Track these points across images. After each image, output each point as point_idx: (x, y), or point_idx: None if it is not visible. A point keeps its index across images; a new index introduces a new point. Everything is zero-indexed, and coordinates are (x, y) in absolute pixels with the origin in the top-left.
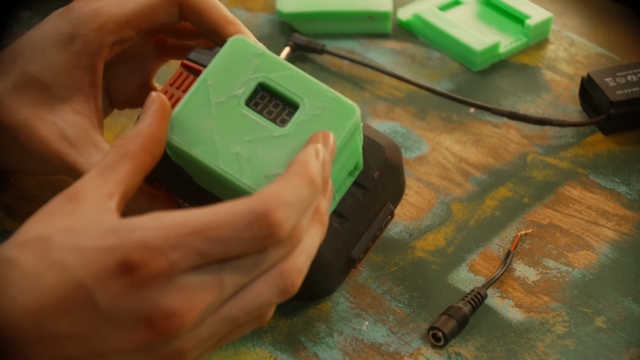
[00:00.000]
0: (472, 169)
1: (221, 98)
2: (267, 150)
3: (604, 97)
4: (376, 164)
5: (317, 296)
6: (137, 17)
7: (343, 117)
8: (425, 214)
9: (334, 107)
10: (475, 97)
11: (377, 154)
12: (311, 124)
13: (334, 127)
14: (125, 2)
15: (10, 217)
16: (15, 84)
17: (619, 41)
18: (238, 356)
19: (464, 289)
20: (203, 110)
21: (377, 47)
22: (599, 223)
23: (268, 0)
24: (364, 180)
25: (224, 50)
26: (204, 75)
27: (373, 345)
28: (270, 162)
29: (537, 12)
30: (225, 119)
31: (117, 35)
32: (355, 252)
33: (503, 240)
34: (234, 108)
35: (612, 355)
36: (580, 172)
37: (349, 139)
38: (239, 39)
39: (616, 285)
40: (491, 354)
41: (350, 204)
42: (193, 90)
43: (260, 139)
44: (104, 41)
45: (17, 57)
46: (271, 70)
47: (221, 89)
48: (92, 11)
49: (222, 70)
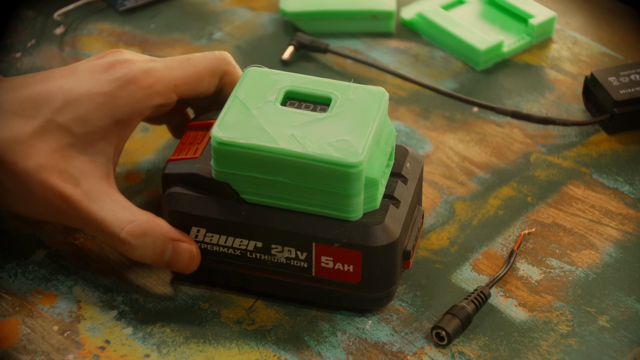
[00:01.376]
0: (476, 168)
1: (258, 105)
2: (319, 128)
3: (607, 96)
4: (404, 157)
5: (377, 287)
6: (184, 83)
7: (376, 98)
8: (428, 213)
9: (363, 93)
10: (479, 96)
11: (401, 151)
12: (351, 105)
13: (370, 107)
14: (172, 67)
15: (13, 216)
16: (36, 129)
17: (622, 40)
18: (242, 355)
19: (467, 288)
20: (245, 114)
21: (380, 47)
22: (602, 222)
23: (271, 0)
24: (400, 170)
25: (243, 77)
26: (233, 94)
27: (377, 344)
28: (327, 134)
29: (540, 12)
30: (269, 116)
31: (164, 98)
32: (408, 244)
33: (506, 240)
34: (273, 108)
35: (615, 355)
36: (584, 171)
37: (384, 118)
38: (254, 68)
39: (619, 284)
40: (494, 353)
41: (396, 188)
42: (228, 105)
43: (308, 122)
44: (150, 102)
45: (44, 104)
46: (293, 81)
47: (254, 99)
48: (143, 71)
49: (248, 89)
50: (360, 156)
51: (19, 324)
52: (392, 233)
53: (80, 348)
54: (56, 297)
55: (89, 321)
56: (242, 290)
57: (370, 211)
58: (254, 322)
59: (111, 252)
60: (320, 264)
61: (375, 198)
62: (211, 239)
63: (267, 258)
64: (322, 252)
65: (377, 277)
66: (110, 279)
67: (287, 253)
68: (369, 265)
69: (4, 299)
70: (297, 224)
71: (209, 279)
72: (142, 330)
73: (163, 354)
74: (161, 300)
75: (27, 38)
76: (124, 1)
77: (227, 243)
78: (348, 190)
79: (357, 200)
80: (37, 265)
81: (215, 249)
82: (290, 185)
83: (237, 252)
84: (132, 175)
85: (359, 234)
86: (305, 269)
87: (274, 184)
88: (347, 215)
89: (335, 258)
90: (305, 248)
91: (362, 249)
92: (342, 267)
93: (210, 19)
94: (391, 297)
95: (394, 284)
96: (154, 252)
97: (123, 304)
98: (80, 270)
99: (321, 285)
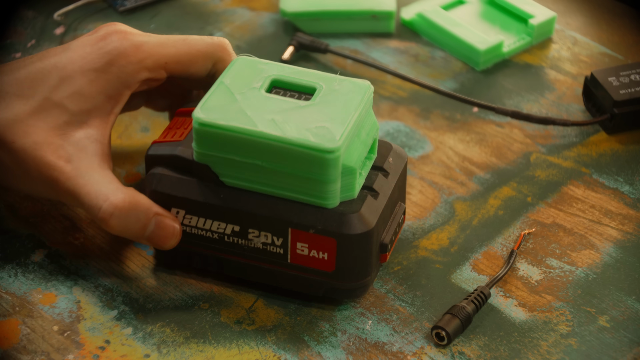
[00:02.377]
0: (476, 168)
1: (242, 90)
2: (300, 115)
3: (607, 96)
4: (387, 152)
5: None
6: (175, 62)
7: (359, 90)
8: (428, 213)
9: (348, 85)
10: (479, 96)
11: (385, 146)
12: (335, 96)
13: (354, 98)
14: (166, 44)
15: (13, 216)
16: (34, 108)
17: (622, 40)
18: (241, 355)
19: (467, 288)
20: (228, 98)
21: (380, 47)
22: (602, 222)
23: (271, 0)
24: (382, 164)
25: (232, 65)
26: (220, 79)
27: (377, 344)
28: (307, 121)
29: (540, 12)
30: (252, 102)
31: (152, 73)
32: (386, 237)
33: (506, 240)
34: (257, 94)
35: (615, 355)
36: (584, 171)
37: (367, 110)
38: (243, 57)
39: (619, 284)
40: (494, 353)
41: (376, 180)
42: (213, 89)
43: (289, 109)
44: (139, 76)
45: (40, 82)
46: (280, 70)
47: (239, 86)
48: (133, 45)
49: (235, 75)
50: (337, 142)
51: (19, 324)
52: (368, 222)
53: (80, 348)
54: (56, 297)
55: (89, 321)
56: (240, 288)
57: (348, 200)
58: (254, 322)
59: (111, 252)
60: (296, 250)
61: (352, 187)
62: (190, 221)
63: (244, 243)
64: (297, 239)
65: (351, 267)
66: (110, 279)
67: (264, 238)
68: (344, 253)
69: (4, 299)
70: (273, 208)
71: (187, 263)
72: (142, 330)
73: (163, 354)
74: (161, 300)
75: (27, 38)
76: (124, 1)
77: (206, 226)
78: (324, 176)
79: (333, 187)
80: (37, 265)
81: (194, 231)
82: (268, 169)
83: (215, 235)
84: (132, 176)
85: (335, 221)
86: (281, 255)
87: (253, 167)
88: (323, 202)
89: (310, 245)
90: (281, 233)
91: (337, 237)
92: (317, 254)
93: (210, 19)
94: (366, 289)
95: (368, 275)
96: (136, 226)
97: (123, 304)
98: (80, 270)
99: (297, 272)
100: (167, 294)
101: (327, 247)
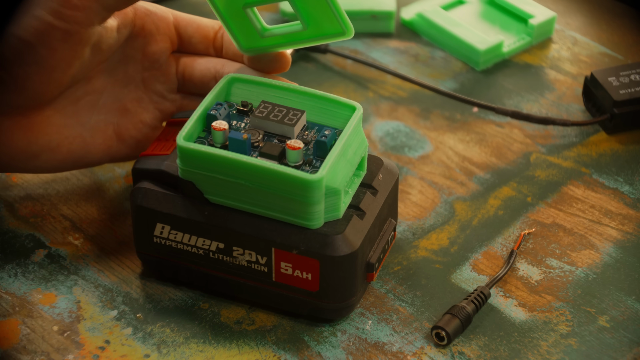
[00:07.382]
0: (476, 168)
1: None
2: None
3: (607, 96)
4: (377, 169)
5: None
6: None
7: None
8: (428, 213)
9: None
10: (479, 96)
11: (376, 161)
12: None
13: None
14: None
15: (13, 216)
16: None
17: (622, 40)
18: (241, 355)
19: (467, 288)
20: None
21: (380, 47)
22: (602, 222)
23: None
24: (371, 181)
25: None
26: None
27: (376, 344)
28: None
29: (540, 12)
30: None
31: None
32: (372, 257)
33: (506, 240)
34: None
35: (615, 355)
36: (584, 171)
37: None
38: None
39: (619, 284)
40: (494, 353)
41: (363, 198)
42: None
43: None
44: None
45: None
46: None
47: None
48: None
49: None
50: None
51: (19, 324)
52: (352, 244)
53: (80, 348)
54: (56, 297)
55: (89, 321)
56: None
57: (333, 220)
58: (254, 322)
59: (111, 252)
60: (280, 269)
61: (337, 207)
62: (175, 237)
63: (229, 260)
64: (281, 258)
65: (335, 287)
66: (110, 279)
67: (248, 256)
68: (327, 274)
69: (4, 299)
70: (257, 227)
71: (174, 277)
72: (142, 330)
73: (163, 354)
74: (161, 300)
75: None
76: None
77: (191, 242)
78: (307, 198)
79: (317, 208)
80: (37, 265)
81: (179, 247)
82: (252, 188)
83: (200, 251)
84: None
85: (318, 242)
86: (265, 274)
87: (236, 186)
88: (307, 223)
89: (294, 265)
90: (265, 252)
91: (320, 258)
92: (300, 274)
93: None
94: (351, 309)
95: (353, 296)
96: None
97: (123, 304)
98: (80, 270)
99: (281, 291)
100: (167, 294)
101: (310, 268)
